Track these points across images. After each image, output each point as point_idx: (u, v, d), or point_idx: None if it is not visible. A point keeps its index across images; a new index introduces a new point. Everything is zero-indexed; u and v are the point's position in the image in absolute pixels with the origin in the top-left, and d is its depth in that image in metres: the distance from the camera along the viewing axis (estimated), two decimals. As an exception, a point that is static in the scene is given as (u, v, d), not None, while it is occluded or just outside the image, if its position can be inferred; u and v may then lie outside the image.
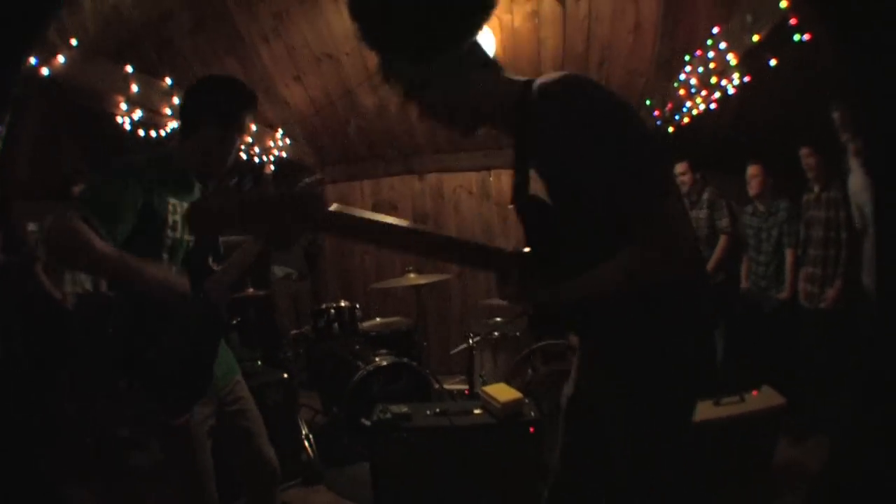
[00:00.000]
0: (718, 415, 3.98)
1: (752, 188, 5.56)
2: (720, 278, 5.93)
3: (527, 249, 2.05)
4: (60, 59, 4.09)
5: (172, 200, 2.56)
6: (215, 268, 2.68)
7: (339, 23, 5.95)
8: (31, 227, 5.11)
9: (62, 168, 5.54)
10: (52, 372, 4.63)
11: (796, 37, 4.16)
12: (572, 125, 1.70)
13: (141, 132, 5.26)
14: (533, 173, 2.00)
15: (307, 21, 5.96)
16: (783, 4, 3.98)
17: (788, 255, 5.36)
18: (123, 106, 4.79)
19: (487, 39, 5.75)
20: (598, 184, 1.71)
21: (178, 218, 2.58)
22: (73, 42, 4.23)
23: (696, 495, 2.17)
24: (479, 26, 1.74)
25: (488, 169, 8.10)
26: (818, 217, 5.02)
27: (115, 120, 4.95)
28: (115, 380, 2.52)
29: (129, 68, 4.76)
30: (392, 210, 8.24)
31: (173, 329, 2.48)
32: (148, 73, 5.00)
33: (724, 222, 5.94)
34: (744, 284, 5.82)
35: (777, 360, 5.17)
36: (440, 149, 8.07)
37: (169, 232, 2.54)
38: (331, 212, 1.69)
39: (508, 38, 6.15)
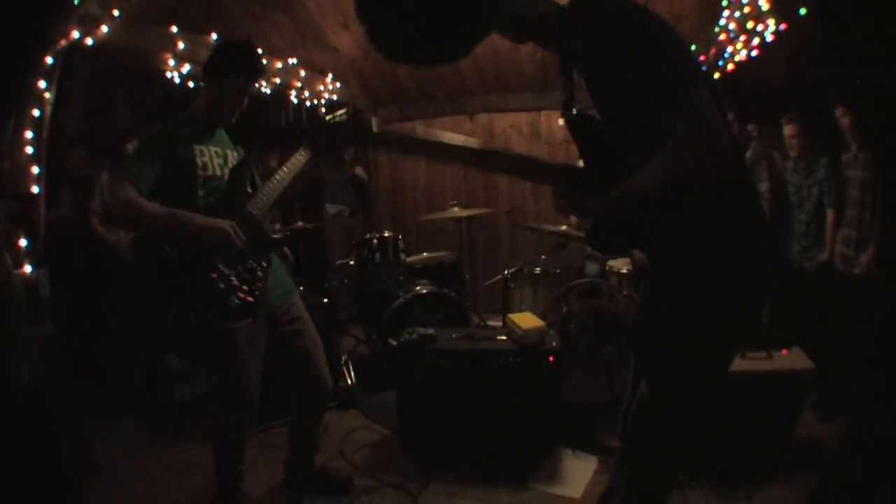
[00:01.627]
0: (742, 368, 3.79)
1: (792, 148, 5.37)
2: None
3: (579, 163, 2.20)
4: (104, 28, 4.43)
5: (198, 146, 2.98)
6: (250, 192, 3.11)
7: (384, -29, 6.09)
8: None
9: (117, 127, 5.83)
10: (106, 311, 5.00)
11: (802, 10, 4.11)
12: (601, 31, 1.87)
13: (191, 84, 5.56)
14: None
15: None
16: None
17: (830, 215, 5.11)
18: (171, 62, 5.08)
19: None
20: (632, 85, 1.82)
21: (206, 160, 2.99)
22: (115, 13, 4.54)
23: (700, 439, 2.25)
24: (486, 33, 1.87)
25: (538, 110, 8.13)
26: (856, 177, 4.80)
27: (164, 76, 5.25)
28: (165, 311, 2.89)
29: (174, 28, 5.06)
30: (444, 151, 8.38)
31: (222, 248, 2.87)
32: (194, 31, 5.27)
33: (762, 186, 5.72)
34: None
35: (813, 326, 4.87)
36: (490, 89, 8.13)
37: (199, 172, 2.95)
38: (374, 132, 1.87)
39: None
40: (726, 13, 5.71)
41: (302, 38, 6.84)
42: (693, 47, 6.48)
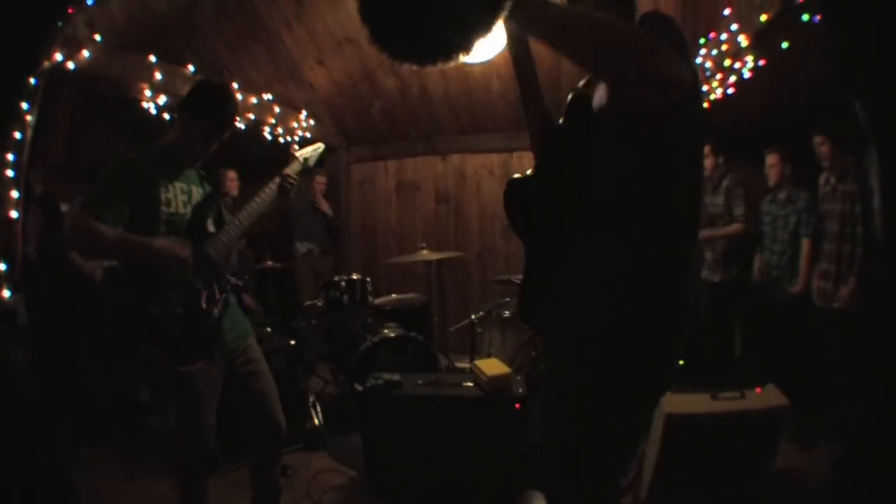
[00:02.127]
0: (714, 409, 3.79)
1: (772, 177, 5.37)
2: (735, 271, 5.76)
3: None
4: (85, 53, 4.43)
5: (163, 181, 2.95)
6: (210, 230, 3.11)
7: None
8: (65, 208, 5.43)
9: (94, 153, 5.81)
10: (79, 341, 4.97)
11: (805, 16, 4.15)
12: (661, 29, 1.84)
13: (166, 116, 5.53)
14: None
15: (328, 6, 6.17)
16: None
17: (805, 245, 5.11)
18: (148, 93, 5.07)
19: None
20: None
21: (170, 196, 2.96)
22: (97, 37, 4.55)
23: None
24: (490, 28, 1.87)
25: (510, 151, 8.18)
26: (834, 210, 4.79)
27: (140, 106, 5.24)
28: (134, 346, 2.87)
29: (152, 58, 5.06)
30: (415, 190, 8.47)
31: (178, 286, 2.88)
32: (174, 62, 5.27)
33: (739, 210, 5.70)
34: (756, 277, 5.59)
35: (786, 359, 5.01)
36: (462, 130, 8.18)
37: (163, 208, 2.91)
38: None
39: None
40: (703, 51, 5.77)
41: (278, 72, 6.88)
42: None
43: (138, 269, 2.82)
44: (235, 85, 6.19)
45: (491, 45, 5.95)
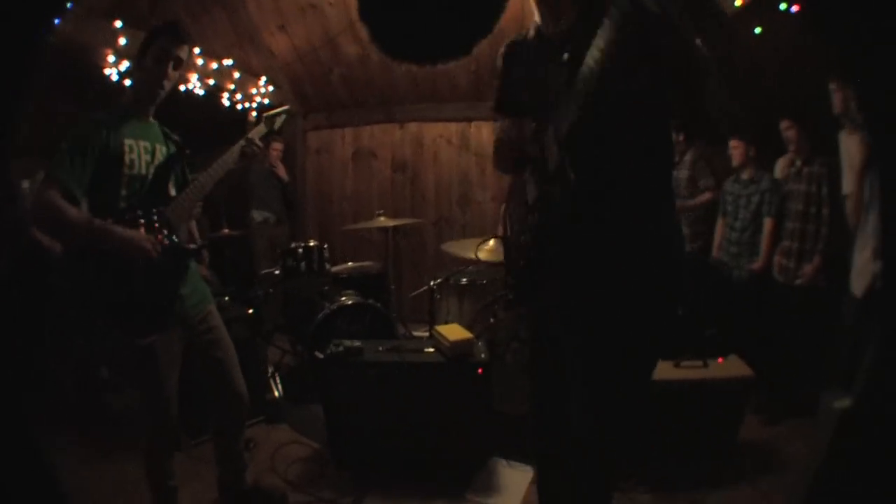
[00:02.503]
0: (677, 376, 3.87)
1: (735, 158, 5.41)
2: (698, 245, 5.86)
3: None
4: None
5: (128, 141, 2.88)
6: (172, 194, 3.05)
7: (325, -28, 6.05)
8: (26, 183, 5.28)
9: (56, 124, 5.66)
10: (38, 318, 4.84)
11: (782, 5, 4.16)
12: None
13: (127, 82, 5.38)
14: None
15: None
16: None
17: (767, 224, 5.19)
18: (111, 59, 4.94)
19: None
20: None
21: (134, 157, 2.88)
22: (68, 3, 4.40)
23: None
24: (488, 32, 1.83)
25: (469, 120, 8.17)
26: (798, 190, 4.90)
27: (103, 73, 5.09)
28: (92, 320, 2.80)
29: (117, 23, 4.93)
30: (371, 158, 8.40)
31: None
32: (137, 28, 5.14)
33: (706, 181, 5.82)
34: (714, 253, 5.69)
35: (747, 334, 5.07)
36: (421, 98, 8.13)
37: (126, 170, 2.85)
38: None
39: None
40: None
41: (238, 38, 6.76)
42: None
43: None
44: (196, 50, 6.10)
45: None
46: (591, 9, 2.01)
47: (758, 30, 4.72)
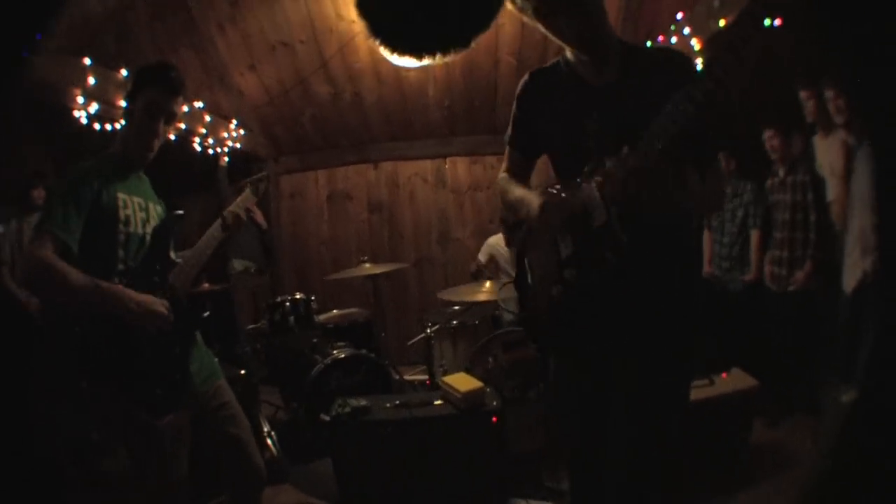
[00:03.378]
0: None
1: None
2: None
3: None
4: (21, 56, 4.03)
5: (122, 195, 2.60)
6: (177, 259, 2.76)
7: (295, 10, 5.93)
8: None
9: (23, 170, 5.41)
10: (17, 377, 4.55)
11: (766, 21, 4.13)
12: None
13: (97, 126, 5.13)
14: None
15: (264, 8, 5.91)
16: None
17: (754, 236, 5.29)
18: (80, 99, 4.70)
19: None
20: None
21: (129, 213, 2.61)
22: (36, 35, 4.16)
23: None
24: (486, 26, 1.72)
25: (443, 157, 8.12)
26: (784, 200, 4.97)
27: (72, 115, 4.84)
28: (78, 382, 2.50)
29: (86, 60, 4.70)
30: (347, 200, 8.21)
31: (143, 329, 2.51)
32: (106, 66, 4.93)
33: None
34: (706, 268, 5.69)
35: (746, 343, 5.13)
36: (395, 137, 8.03)
37: (121, 227, 2.57)
38: None
39: None
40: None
41: (208, 78, 6.53)
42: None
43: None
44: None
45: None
46: (637, 63, 2.17)
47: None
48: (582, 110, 2.17)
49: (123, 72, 5.11)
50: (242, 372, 4.59)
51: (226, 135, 6.77)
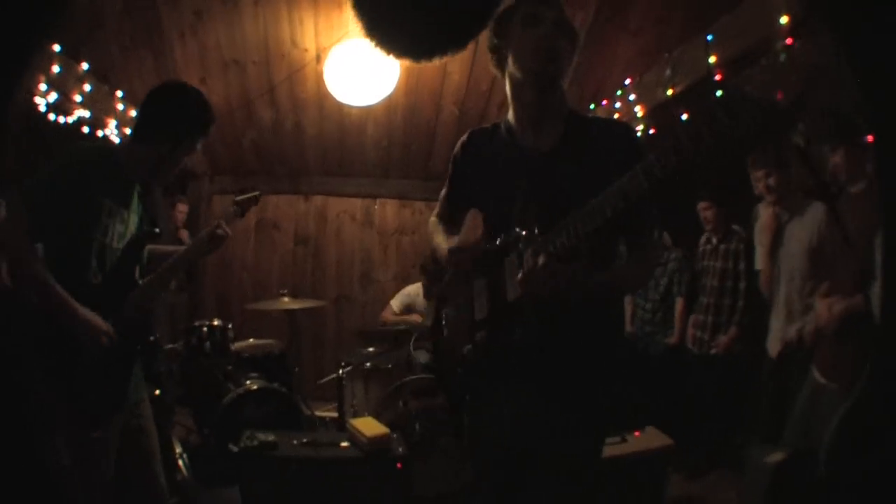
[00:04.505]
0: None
1: None
2: None
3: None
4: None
5: (108, 203, 2.53)
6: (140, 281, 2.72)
7: (253, 30, 5.95)
8: None
9: None
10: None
11: (719, 92, 4.30)
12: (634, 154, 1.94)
13: (51, 116, 5.09)
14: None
15: (224, 22, 5.90)
16: (711, 59, 4.20)
17: (678, 303, 5.42)
18: (42, 86, 4.66)
19: (392, 64, 5.82)
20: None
21: (110, 223, 2.54)
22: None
23: None
24: (482, 27, 1.79)
25: (374, 197, 8.22)
26: (713, 267, 5.09)
27: (33, 101, 4.79)
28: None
29: (55, 47, 4.67)
30: (274, 230, 8.23)
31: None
32: (72, 55, 4.95)
33: None
34: (629, 328, 5.78)
35: (665, 403, 5.21)
36: (329, 172, 8.11)
37: (98, 235, 2.51)
38: None
39: (415, 66, 6.01)
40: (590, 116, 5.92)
41: (159, 82, 6.42)
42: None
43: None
44: (119, 93, 5.85)
45: (378, 91, 5.94)
46: (578, 132, 2.16)
47: (684, 116, 4.86)
48: (514, 179, 2.13)
49: (84, 66, 5.13)
50: (157, 392, 4.56)
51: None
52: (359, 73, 5.74)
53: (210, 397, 5.18)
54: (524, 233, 1.99)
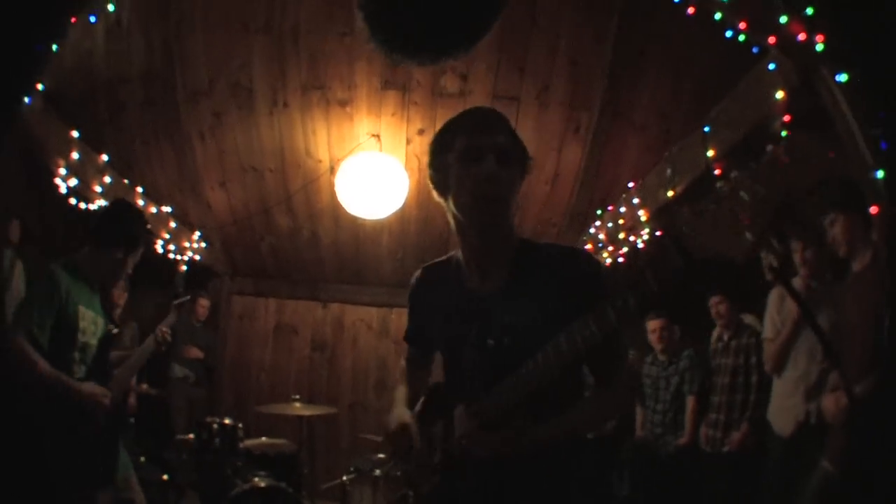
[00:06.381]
0: None
1: (659, 342, 5.58)
2: (611, 426, 5.74)
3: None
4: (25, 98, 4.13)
5: (82, 308, 3.00)
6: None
7: (270, 137, 6.15)
8: None
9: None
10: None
11: (719, 184, 4.32)
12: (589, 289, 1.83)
13: (73, 200, 5.23)
14: None
15: (242, 128, 6.10)
16: (710, 153, 4.18)
17: (690, 402, 5.34)
18: (63, 170, 4.81)
19: (401, 178, 6.00)
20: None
21: (85, 324, 3.01)
22: (39, 85, 4.34)
23: None
24: (487, 30, 1.80)
25: (390, 306, 8.19)
26: (725, 364, 5.01)
27: (54, 181, 4.93)
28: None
29: (74, 133, 4.86)
30: (292, 334, 8.24)
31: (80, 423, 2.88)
32: (94, 138, 5.14)
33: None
34: (638, 433, 5.72)
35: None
36: (345, 280, 8.18)
37: (79, 335, 2.97)
38: None
39: (425, 179, 6.29)
40: (598, 223, 5.98)
41: (181, 181, 6.65)
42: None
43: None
44: (140, 189, 5.97)
45: (388, 205, 6.05)
46: (528, 264, 1.98)
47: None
48: (463, 324, 2.00)
49: (104, 157, 5.29)
50: (165, 477, 4.56)
51: (187, 244, 6.86)
52: (369, 186, 5.88)
53: (219, 489, 5.12)
54: (462, 393, 1.96)
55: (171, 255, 6.68)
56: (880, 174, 2.61)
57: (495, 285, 1.99)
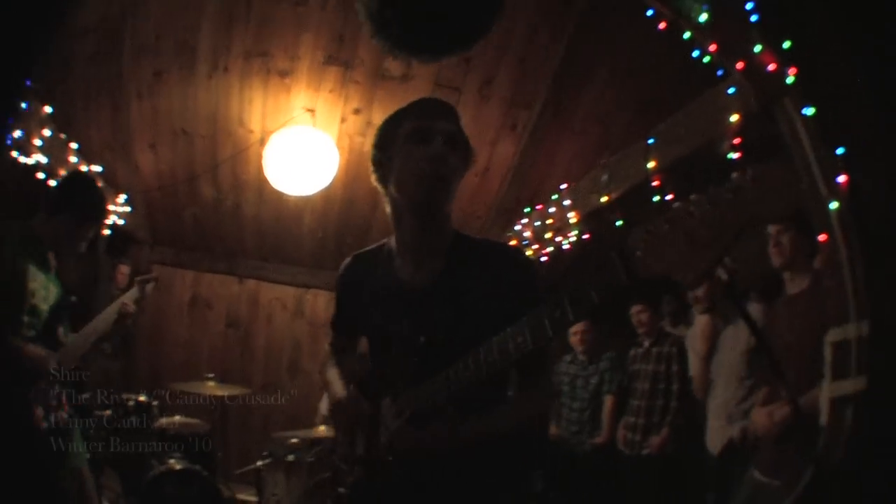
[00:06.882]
0: None
1: (580, 343, 5.66)
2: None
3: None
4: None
5: (32, 268, 2.92)
6: (63, 340, 3.11)
7: (206, 101, 5.99)
8: None
9: None
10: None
11: (656, 198, 4.35)
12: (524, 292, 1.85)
13: (14, 153, 4.96)
14: None
15: (179, 89, 5.92)
16: (650, 164, 4.24)
17: (608, 402, 5.45)
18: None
19: (332, 156, 5.92)
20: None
21: (35, 286, 2.92)
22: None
23: None
24: (489, 28, 1.79)
25: (307, 287, 8.13)
26: (645, 370, 5.14)
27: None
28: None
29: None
30: (207, 309, 8.06)
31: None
32: (37, 92, 4.94)
33: None
34: (553, 430, 5.71)
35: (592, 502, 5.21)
36: (264, 257, 8.04)
37: (28, 297, 2.87)
38: None
39: (355, 160, 6.30)
40: (525, 220, 6.03)
41: (114, 139, 6.39)
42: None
43: None
44: (74, 145, 5.71)
45: (315, 183, 5.97)
46: (462, 259, 1.97)
47: (619, 222, 5.02)
48: (393, 317, 1.99)
49: (48, 109, 5.09)
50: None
51: (112, 207, 6.63)
52: (298, 162, 5.78)
53: (135, 467, 5.14)
54: (390, 386, 1.96)
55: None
56: (834, 205, 2.71)
57: (428, 278, 1.97)
